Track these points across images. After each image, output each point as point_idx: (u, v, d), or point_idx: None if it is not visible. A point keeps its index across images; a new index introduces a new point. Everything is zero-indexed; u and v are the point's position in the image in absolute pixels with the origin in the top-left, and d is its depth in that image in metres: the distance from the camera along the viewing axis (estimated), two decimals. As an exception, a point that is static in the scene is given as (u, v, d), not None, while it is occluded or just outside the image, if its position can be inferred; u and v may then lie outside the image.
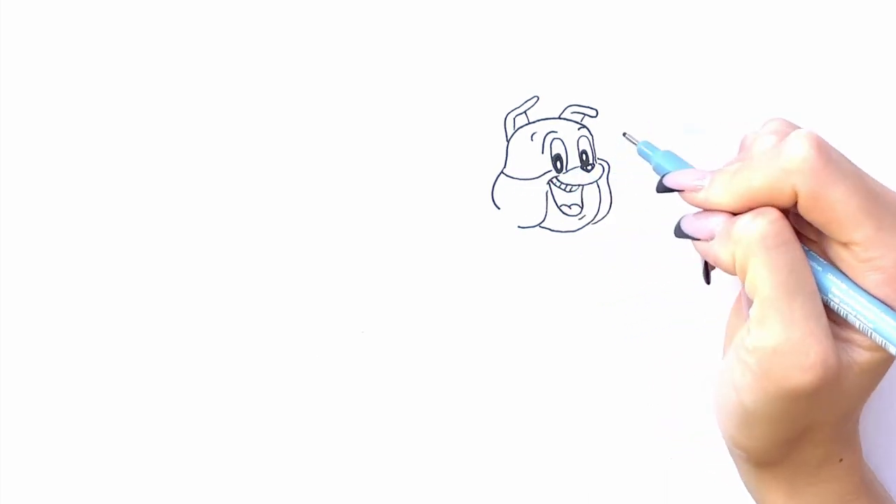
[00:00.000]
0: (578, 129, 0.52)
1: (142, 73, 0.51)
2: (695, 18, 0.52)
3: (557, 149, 0.52)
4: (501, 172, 0.52)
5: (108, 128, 0.51)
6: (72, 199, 0.51)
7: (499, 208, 0.51)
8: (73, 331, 0.51)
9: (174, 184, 0.51)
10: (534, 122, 0.52)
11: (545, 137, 0.52)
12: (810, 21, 0.52)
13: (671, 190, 0.45)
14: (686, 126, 0.51)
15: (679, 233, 0.45)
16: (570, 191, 0.52)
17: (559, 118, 0.52)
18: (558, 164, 0.52)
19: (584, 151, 0.52)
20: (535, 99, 0.51)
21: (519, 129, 0.52)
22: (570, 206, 0.52)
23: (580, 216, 0.52)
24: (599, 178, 0.52)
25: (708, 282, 0.46)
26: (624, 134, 0.48)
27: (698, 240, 0.44)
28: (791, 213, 0.42)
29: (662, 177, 0.45)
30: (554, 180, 0.52)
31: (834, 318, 0.43)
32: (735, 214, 0.43)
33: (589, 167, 0.52)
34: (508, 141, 0.51)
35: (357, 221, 0.52)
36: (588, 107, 0.52)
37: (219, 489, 0.52)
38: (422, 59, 0.51)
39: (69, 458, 0.52)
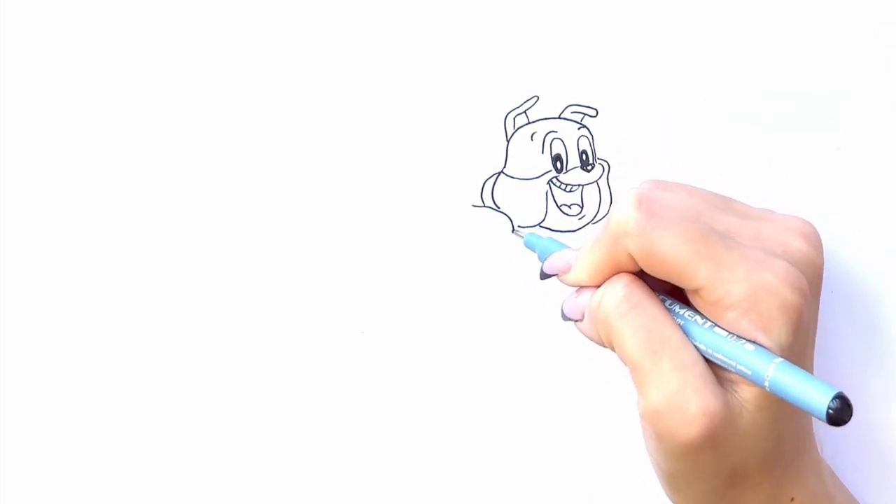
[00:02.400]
0: (578, 129, 0.52)
1: (142, 73, 0.51)
2: (695, 18, 0.52)
3: (557, 149, 0.52)
4: (501, 172, 0.52)
5: (108, 128, 0.51)
6: (72, 199, 0.51)
7: (498, 208, 0.51)
8: (74, 331, 0.52)
9: (173, 185, 0.51)
10: (534, 121, 0.52)
11: (545, 137, 0.52)
12: (813, 19, 0.52)
13: (551, 275, 0.46)
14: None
15: (563, 317, 0.46)
16: (570, 191, 0.52)
17: (559, 118, 0.52)
18: (558, 164, 0.52)
19: (584, 151, 0.52)
20: (535, 99, 0.51)
21: (519, 128, 0.52)
22: (570, 206, 0.52)
23: (580, 216, 0.52)
24: (599, 178, 0.52)
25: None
26: (513, 230, 0.50)
27: (579, 321, 0.45)
28: None
29: (543, 264, 0.47)
30: (554, 180, 0.52)
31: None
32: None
33: (589, 167, 0.52)
34: (508, 141, 0.51)
35: (356, 222, 0.52)
36: (588, 107, 0.52)
37: (219, 489, 0.52)
38: (422, 59, 0.51)
39: (69, 458, 0.52)
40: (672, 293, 0.44)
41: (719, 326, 0.42)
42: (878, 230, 0.52)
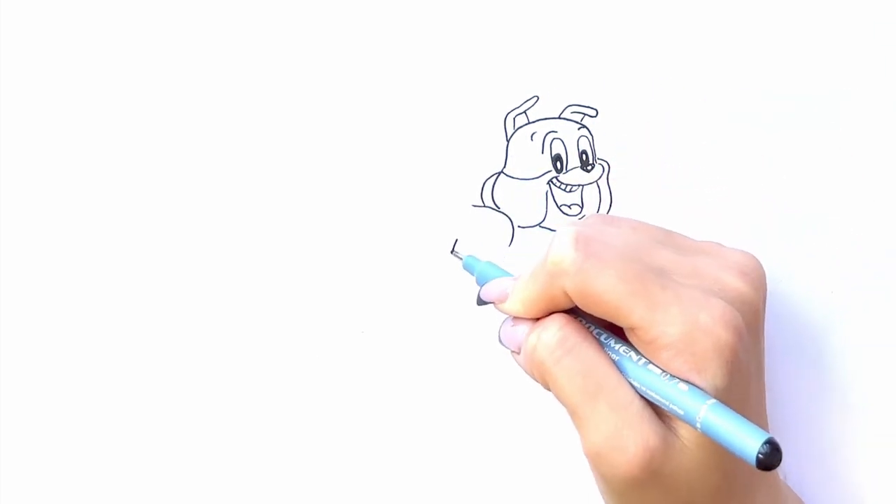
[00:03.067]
0: (578, 129, 0.52)
1: (142, 73, 0.51)
2: (695, 18, 0.52)
3: (557, 149, 0.52)
4: (501, 172, 0.52)
5: (109, 128, 0.51)
6: (72, 199, 0.51)
7: (498, 208, 0.52)
8: (74, 331, 0.52)
9: (173, 185, 0.51)
10: (534, 121, 0.52)
11: (545, 137, 0.52)
12: (813, 19, 0.52)
13: (487, 302, 0.46)
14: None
15: (499, 341, 0.46)
16: (570, 191, 0.52)
17: (559, 118, 0.52)
18: (558, 164, 0.52)
19: (584, 151, 0.52)
20: (535, 99, 0.51)
21: (519, 128, 0.52)
22: (570, 206, 0.52)
23: (580, 216, 0.52)
24: (599, 178, 0.52)
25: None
26: (452, 251, 0.50)
27: (515, 352, 0.45)
28: None
29: (480, 290, 0.46)
30: (554, 180, 0.52)
31: None
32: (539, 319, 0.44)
33: (589, 167, 0.52)
34: (508, 141, 0.52)
35: (356, 221, 0.52)
36: (588, 107, 0.52)
37: (219, 489, 0.52)
38: (422, 59, 0.51)
39: (69, 458, 0.52)
40: (609, 327, 0.44)
41: (654, 364, 0.41)
42: (880, 230, 0.52)
